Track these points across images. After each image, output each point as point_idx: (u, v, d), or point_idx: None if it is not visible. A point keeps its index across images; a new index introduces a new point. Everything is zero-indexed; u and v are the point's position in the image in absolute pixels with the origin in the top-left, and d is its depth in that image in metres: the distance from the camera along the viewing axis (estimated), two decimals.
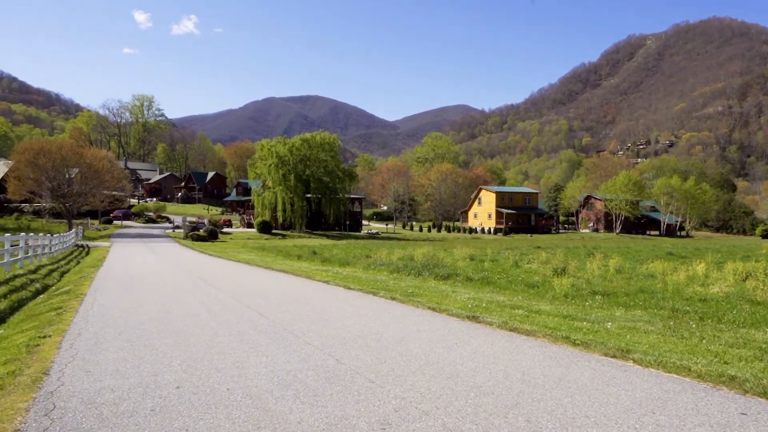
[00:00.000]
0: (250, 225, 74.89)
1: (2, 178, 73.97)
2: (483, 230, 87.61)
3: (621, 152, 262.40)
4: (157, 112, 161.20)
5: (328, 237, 61.09)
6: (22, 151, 62.95)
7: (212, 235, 49.58)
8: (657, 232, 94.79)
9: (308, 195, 67.29)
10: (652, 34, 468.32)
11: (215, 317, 8.85)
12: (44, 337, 7.40)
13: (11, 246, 17.73)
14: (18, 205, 72.32)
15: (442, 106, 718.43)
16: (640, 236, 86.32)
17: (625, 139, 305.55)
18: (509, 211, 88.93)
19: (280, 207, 64.43)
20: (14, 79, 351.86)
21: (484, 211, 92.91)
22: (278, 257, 27.21)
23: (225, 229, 64.47)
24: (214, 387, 5.08)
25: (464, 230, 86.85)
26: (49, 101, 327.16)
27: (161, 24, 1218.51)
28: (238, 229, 70.54)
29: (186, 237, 49.36)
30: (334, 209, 68.39)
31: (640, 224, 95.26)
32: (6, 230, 42.46)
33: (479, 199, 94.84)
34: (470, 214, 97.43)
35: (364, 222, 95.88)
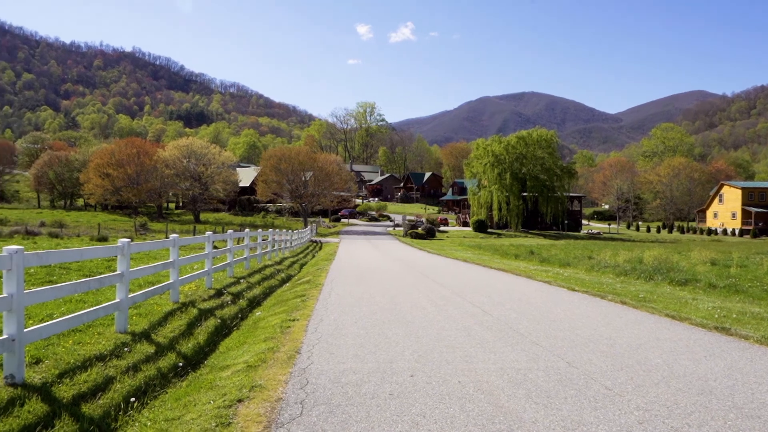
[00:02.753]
0: (465, 224, 76.00)
1: (252, 181, 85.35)
2: (725, 231, 77.45)
3: None
4: (378, 117, 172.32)
5: (545, 237, 59.30)
6: (267, 157, 71.91)
7: (430, 233, 51.32)
8: None
9: (524, 193, 66.02)
10: None
11: (440, 311, 9.10)
12: (293, 320, 8.31)
13: (262, 240, 20.31)
14: (264, 205, 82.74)
15: (672, 94, 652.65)
16: None
17: None
18: (759, 210, 77.16)
19: (495, 206, 64.24)
20: (261, 96, 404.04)
21: (726, 210, 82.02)
22: (495, 256, 27.12)
23: (441, 228, 66.38)
24: (445, 378, 5.21)
25: (701, 231, 77.68)
26: (287, 113, 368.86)
27: (380, 33, 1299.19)
28: (453, 228, 72.07)
29: (405, 234, 51.83)
30: (552, 208, 66.09)
31: None
32: (255, 227, 48.93)
33: (720, 196, 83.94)
34: (709, 213, 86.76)
35: (584, 221, 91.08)
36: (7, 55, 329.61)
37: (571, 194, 73.75)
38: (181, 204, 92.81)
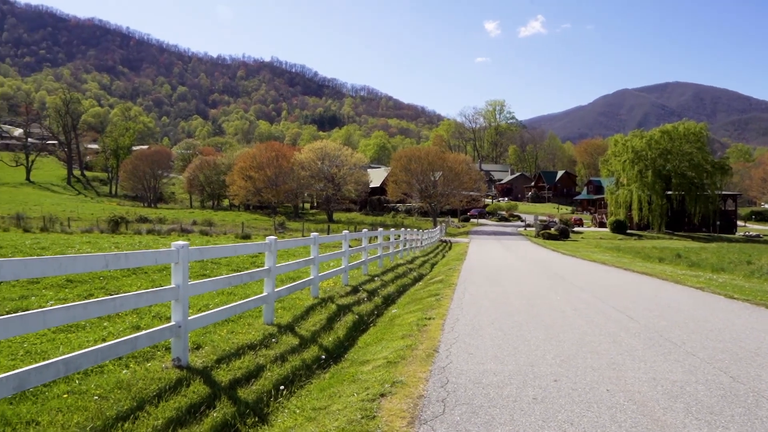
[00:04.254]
0: (602, 224, 72.20)
1: (382, 182, 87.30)
2: None
3: None
4: (508, 115, 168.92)
5: (692, 239, 54.73)
6: (397, 158, 73.15)
7: (563, 234, 49.38)
8: None
9: (668, 192, 61.36)
10: None
11: (580, 315, 8.69)
12: (428, 319, 8.35)
13: (394, 239, 20.69)
14: (394, 204, 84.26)
15: None
16: None
17: None
18: None
19: (635, 205, 60.33)
20: (390, 98, 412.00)
21: None
22: (636, 259, 25.48)
23: (575, 228, 63.56)
24: (592, 386, 4.95)
25: None
26: (416, 114, 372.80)
27: (509, 29, 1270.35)
28: (589, 229, 68.74)
29: (537, 235, 50.29)
30: (701, 208, 60.77)
31: None
32: (385, 226, 49.94)
33: None
34: None
35: (739, 222, 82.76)
36: (165, 70, 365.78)
37: (723, 192, 67.32)
38: (315, 204, 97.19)
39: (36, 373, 3.84)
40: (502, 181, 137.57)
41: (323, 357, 6.80)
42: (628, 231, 59.75)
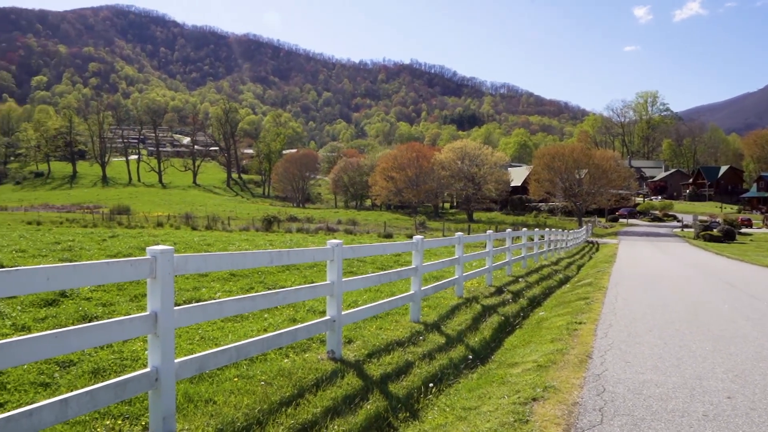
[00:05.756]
0: None
1: (524, 180, 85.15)
2: None
3: None
4: (661, 107, 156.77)
5: None
6: (540, 156, 70.96)
7: (728, 236, 44.80)
8: None
9: None
10: None
11: (755, 326, 7.83)
12: (579, 323, 8.00)
13: (538, 240, 20.08)
14: (536, 204, 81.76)
15: None
16: None
17: None
18: None
19: None
20: (531, 95, 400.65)
21: None
22: None
23: (743, 230, 57.37)
24: None
25: None
26: (558, 110, 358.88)
27: (662, 13, 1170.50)
28: (759, 230, 61.73)
29: (697, 237, 46.14)
30: None
31: None
32: (527, 226, 48.54)
33: None
34: None
35: None
36: (311, 78, 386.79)
37: None
38: (455, 204, 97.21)
39: (213, 358, 4.25)
40: (655, 179, 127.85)
41: (470, 357, 6.78)
42: None
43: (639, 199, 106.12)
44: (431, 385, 5.56)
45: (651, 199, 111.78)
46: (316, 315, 7.84)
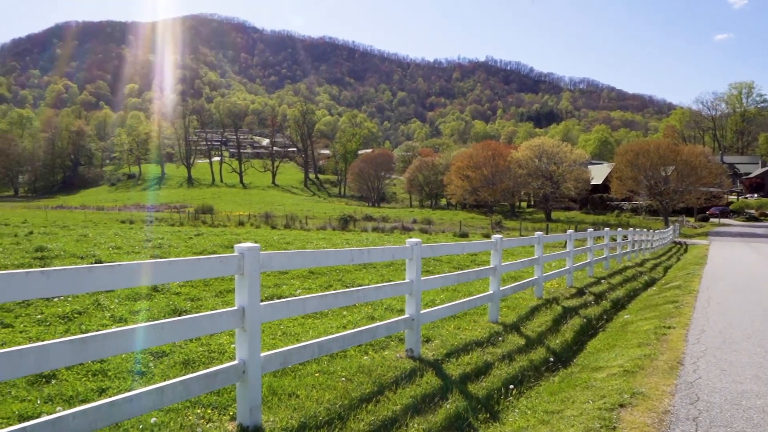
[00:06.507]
0: None
1: (605, 178, 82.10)
2: None
3: None
4: (758, 98, 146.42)
5: None
6: (623, 153, 68.19)
7: None
8: None
9: None
10: None
11: None
12: (668, 327, 7.62)
13: (621, 240, 19.31)
14: (618, 203, 78.63)
15: None
16: None
17: None
18: None
19: None
20: (612, 89, 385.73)
21: None
22: None
23: None
24: None
25: None
26: (642, 104, 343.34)
27: None
28: None
29: None
30: None
31: None
32: (608, 226, 46.75)
33: None
34: None
35: None
36: (386, 78, 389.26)
37: None
38: (532, 203, 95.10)
39: (296, 353, 4.36)
40: (751, 175, 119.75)
41: (551, 359, 6.61)
42: None
43: (732, 198, 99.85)
44: (511, 386, 5.46)
45: (746, 198, 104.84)
46: (394, 313, 7.88)
